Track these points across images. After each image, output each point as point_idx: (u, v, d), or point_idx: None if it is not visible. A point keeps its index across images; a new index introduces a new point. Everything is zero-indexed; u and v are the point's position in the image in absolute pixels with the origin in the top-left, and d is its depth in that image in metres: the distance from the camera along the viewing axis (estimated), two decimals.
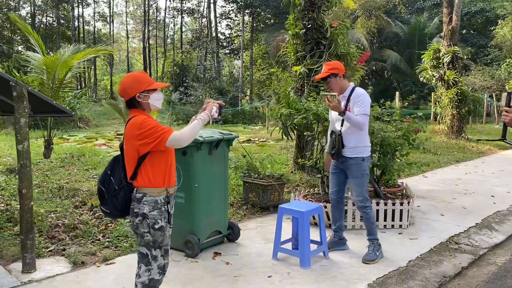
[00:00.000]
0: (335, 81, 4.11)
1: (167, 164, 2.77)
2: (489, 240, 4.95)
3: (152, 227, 2.73)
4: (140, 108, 2.77)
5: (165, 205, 2.77)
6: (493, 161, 11.07)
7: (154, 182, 2.72)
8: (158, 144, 2.62)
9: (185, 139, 2.67)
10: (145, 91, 2.73)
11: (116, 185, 2.75)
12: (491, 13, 30.18)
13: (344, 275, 3.86)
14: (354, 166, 4.15)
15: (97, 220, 5.34)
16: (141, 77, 2.78)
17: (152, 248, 2.78)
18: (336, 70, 4.10)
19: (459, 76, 14.19)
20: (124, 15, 53.30)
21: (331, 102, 3.84)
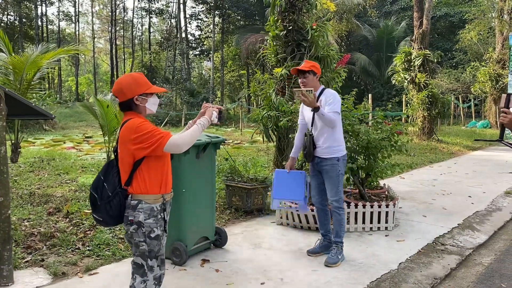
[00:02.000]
0: (312, 78, 4.13)
1: (164, 170, 2.66)
2: (472, 240, 5.03)
3: (148, 236, 2.59)
4: (136, 111, 2.63)
5: (161, 212, 2.64)
6: (465, 161, 11.36)
7: (150, 188, 2.59)
8: (156, 149, 2.49)
9: (185, 144, 2.56)
10: (144, 94, 2.61)
11: (109, 191, 2.60)
12: (455, 18, 31.24)
13: (338, 279, 3.80)
14: (328, 167, 4.11)
15: (75, 227, 5.09)
16: (140, 79, 2.64)
17: (148, 258, 2.64)
18: (316, 69, 4.17)
19: (429, 78, 14.54)
20: (89, 15, 52.06)
21: (307, 97, 3.78)
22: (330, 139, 4.11)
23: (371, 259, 4.31)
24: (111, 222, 2.67)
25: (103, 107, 6.93)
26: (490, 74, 19.75)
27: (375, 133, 5.47)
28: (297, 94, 3.87)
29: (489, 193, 7.35)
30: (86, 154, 11.47)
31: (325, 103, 4.05)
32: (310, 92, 3.79)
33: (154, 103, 2.68)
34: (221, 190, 6.41)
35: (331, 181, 4.14)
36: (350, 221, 5.21)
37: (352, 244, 4.74)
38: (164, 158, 2.64)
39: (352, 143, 5.49)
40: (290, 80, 7.05)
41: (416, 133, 14.90)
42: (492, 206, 6.51)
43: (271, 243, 4.75)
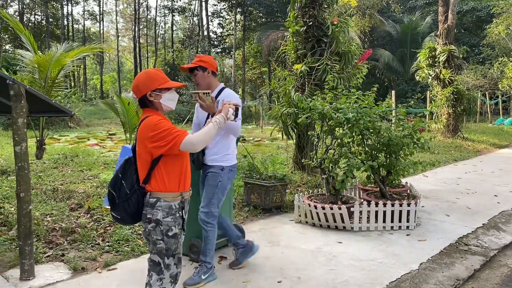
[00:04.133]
0: (201, 75, 3.68)
1: (183, 168, 2.63)
2: (497, 241, 4.87)
3: (166, 234, 2.58)
4: (153, 107, 2.62)
5: (179, 210, 2.62)
6: (491, 160, 11.05)
7: (169, 186, 2.58)
8: (172, 147, 2.47)
9: (200, 143, 2.53)
10: (157, 89, 2.59)
11: (127, 189, 2.59)
12: (482, 12, 30.38)
13: (356, 279, 3.73)
14: (210, 174, 3.68)
15: (96, 223, 5.16)
16: (155, 74, 2.62)
17: (165, 257, 2.63)
18: (206, 64, 3.67)
19: (454, 74, 14.18)
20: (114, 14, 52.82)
21: (205, 101, 3.27)
22: (220, 145, 3.68)
23: (391, 258, 4.22)
24: (129, 220, 2.66)
25: (124, 104, 7.03)
26: None
27: (397, 130, 5.35)
28: (194, 97, 3.37)
29: None
30: (109, 151, 11.66)
31: None
32: (208, 95, 3.31)
33: (171, 98, 2.64)
34: (240, 187, 6.40)
35: (207, 189, 3.70)
36: (370, 220, 5.12)
37: (372, 243, 4.66)
38: (183, 156, 2.62)
39: (373, 140, 5.40)
40: (310, 77, 6.97)
41: (441, 130, 14.56)
42: None
43: (289, 241, 4.71)
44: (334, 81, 6.32)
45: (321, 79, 6.87)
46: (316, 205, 5.06)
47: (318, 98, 5.36)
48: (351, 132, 5.05)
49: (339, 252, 4.40)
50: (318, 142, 5.51)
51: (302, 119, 5.22)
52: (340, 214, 4.97)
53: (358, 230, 5.07)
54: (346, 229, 5.07)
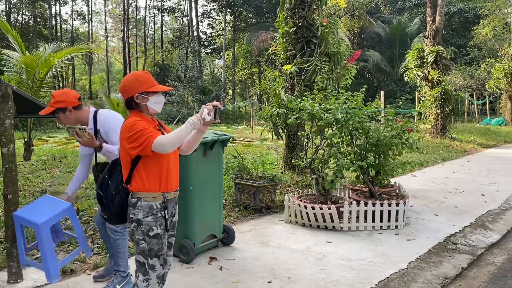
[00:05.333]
0: (64, 116, 3.26)
1: (163, 168, 2.60)
2: (485, 239, 4.93)
3: (147, 234, 2.57)
4: (138, 109, 2.61)
5: (161, 211, 2.59)
6: (478, 159, 11.18)
7: (149, 186, 2.56)
8: (144, 148, 2.45)
9: (169, 144, 2.43)
10: (145, 92, 2.58)
11: (113, 190, 2.62)
12: (469, 14, 30.76)
13: (346, 279, 3.76)
14: None
15: (85, 225, 5.13)
16: (143, 77, 2.61)
17: (148, 257, 2.61)
18: (63, 103, 3.22)
19: (442, 75, 14.33)
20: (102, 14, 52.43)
21: (82, 137, 3.08)
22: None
23: (380, 258, 4.26)
24: (115, 220, 2.68)
25: (114, 105, 6.98)
26: (506, 71, 19.40)
27: (385, 131, 5.40)
28: (71, 132, 3.16)
29: (503, 191, 7.22)
30: None
31: (106, 134, 3.30)
32: (84, 131, 3.08)
33: (157, 102, 2.63)
34: (230, 188, 6.40)
35: None
36: (359, 220, 5.16)
37: (362, 243, 4.69)
38: (162, 156, 2.57)
39: (362, 140, 5.44)
40: (300, 77, 7.00)
41: (429, 130, 14.71)
42: (505, 205, 6.38)
43: (279, 242, 4.72)
44: (324, 82, 6.35)
45: (310, 79, 6.90)
46: (306, 205, 5.08)
47: (307, 99, 5.38)
48: (340, 132, 5.08)
49: (329, 252, 4.42)
50: (307, 143, 5.52)
51: (292, 119, 5.24)
52: (329, 214, 5.00)
53: (348, 230, 5.10)
54: (335, 229, 5.10)
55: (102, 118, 3.35)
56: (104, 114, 3.40)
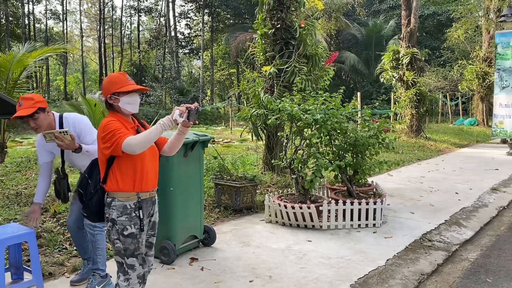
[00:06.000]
0: (44, 116, 3.23)
1: (137, 168, 2.59)
2: (459, 236, 5.09)
3: (121, 234, 2.58)
4: (113, 110, 2.64)
5: (135, 210, 2.60)
6: (452, 159, 11.48)
7: (123, 186, 2.58)
8: (115, 149, 2.47)
9: (137, 145, 2.42)
10: (116, 93, 2.59)
11: (91, 189, 2.67)
12: (442, 16, 31.51)
13: (327, 277, 3.82)
14: None
15: (62, 227, 5.04)
16: (116, 78, 2.64)
17: (124, 257, 2.63)
18: (43, 103, 3.23)
19: (417, 76, 14.65)
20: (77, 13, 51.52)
21: (63, 139, 3.07)
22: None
23: (359, 255, 4.34)
24: (95, 219, 2.72)
25: (90, 106, 6.90)
26: (477, 72, 19.94)
27: (362, 131, 5.50)
28: (49, 138, 3.10)
29: (476, 189, 7.44)
30: None
31: (78, 136, 3.29)
32: (66, 134, 3.09)
33: (130, 102, 2.61)
34: (210, 188, 6.40)
35: None
36: (338, 218, 5.24)
37: (341, 241, 4.77)
38: (138, 156, 2.56)
39: (340, 140, 5.53)
40: (279, 78, 7.06)
41: (404, 130, 15.01)
42: (478, 203, 6.59)
43: (260, 241, 4.76)
44: (302, 83, 6.43)
45: (289, 81, 6.97)
46: (286, 205, 5.13)
47: (287, 100, 5.44)
48: (319, 132, 5.16)
49: (309, 250, 4.48)
50: (287, 143, 5.58)
51: (271, 120, 5.29)
52: (309, 213, 5.07)
53: (327, 228, 5.18)
54: (315, 228, 5.17)
55: (71, 121, 3.35)
56: (72, 117, 3.41)
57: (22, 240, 3.47)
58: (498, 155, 12.07)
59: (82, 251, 3.75)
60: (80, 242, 3.70)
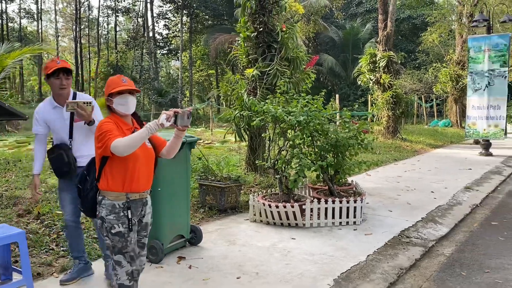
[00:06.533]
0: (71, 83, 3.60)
1: (127, 169, 2.66)
2: (435, 233, 5.32)
3: (110, 232, 2.68)
4: (112, 112, 2.75)
5: (124, 210, 2.67)
6: (427, 159, 11.85)
7: (112, 185, 2.67)
8: (105, 149, 2.56)
9: (123, 147, 2.49)
10: (110, 95, 2.70)
11: (88, 185, 2.79)
12: (417, 20, 32.30)
13: (311, 272, 3.97)
14: None
15: (47, 228, 5.06)
16: (111, 80, 2.77)
17: (112, 253, 2.74)
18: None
19: (393, 79, 15.04)
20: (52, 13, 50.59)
21: (85, 110, 3.31)
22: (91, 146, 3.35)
23: (341, 252, 4.51)
24: (90, 214, 2.85)
25: None
26: (451, 75, 20.53)
27: (343, 132, 5.69)
28: (71, 107, 3.29)
29: (450, 188, 7.74)
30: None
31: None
32: (89, 105, 3.34)
33: (121, 103, 2.69)
34: (194, 189, 6.48)
35: None
36: (320, 217, 5.41)
37: (323, 238, 4.94)
38: (129, 157, 2.61)
39: (321, 141, 5.70)
40: (262, 81, 7.20)
41: (381, 132, 15.37)
42: (453, 201, 6.87)
43: (245, 240, 4.88)
44: (286, 85, 6.59)
45: (272, 83, 7.12)
46: (270, 204, 5.27)
47: (271, 102, 5.58)
48: (302, 134, 5.32)
49: (293, 247, 4.63)
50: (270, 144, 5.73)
51: (256, 121, 5.43)
52: (293, 212, 5.22)
53: (310, 226, 5.34)
54: (298, 226, 5.33)
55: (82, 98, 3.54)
56: (84, 95, 3.65)
57: (13, 241, 3.51)
58: (471, 155, 12.53)
59: (76, 249, 3.81)
60: (76, 239, 3.78)
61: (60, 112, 3.56)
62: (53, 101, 3.59)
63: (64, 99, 3.51)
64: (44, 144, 3.72)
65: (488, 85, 12.42)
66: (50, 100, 3.63)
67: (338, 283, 3.77)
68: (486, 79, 12.42)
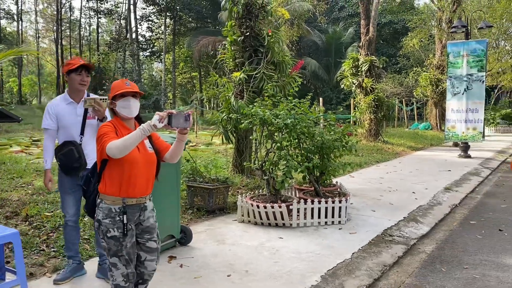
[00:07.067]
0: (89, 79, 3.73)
1: (124, 173, 2.66)
2: (416, 231, 5.53)
3: (105, 235, 2.70)
4: (116, 115, 2.80)
5: (120, 215, 2.67)
6: (408, 161, 12.15)
7: (109, 189, 2.68)
8: (102, 152, 2.60)
9: (115, 149, 2.48)
10: (113, 97, 2.74)
11: (91, 187, 2.81)
12: (398, 25, 32.94)
13: (299, 269, 4.11)
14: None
15: (36, 230, 5.09)
16: (115, 84, 2.79)
17: (108, 255, 2.76)
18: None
19: (375, 83, 15.36)
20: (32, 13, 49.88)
21: (101, 106, 3.43)
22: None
23: (327, 250, 4.67)
24: (92, 216, 2.88)
25: None
26: (431, 79, 21.04)
27: (329, 135, 5.86)
28: (89, 103, 3.39)
29: (431, 189, 7.99)
30: (37, 158, 11.18)
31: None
32: (105, 101, 3.42)
33: (123, 106, 2.73)
34: (183, 190, 6.56)
35: None
36: (307, 216, 5.56)
37: (310, 237, 5.09)
38: (127, 161, 2.63)
39: (307, 144, 5.86)
40: (248, 84, 7.34)
41: (364, 134, 15.67)
42: (433, 201, 7.11)
43: (234, 239, 5.00)
44: (273, 89, 6.74)
45: (258, 86, 7.27)
46: (259, 205, 5.40)
47: (259, 105, 5.72)
48: (289, 136, 5.47)
49: (280, 246, 4.76)
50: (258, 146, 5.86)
51: (245, 124, 5.55)
52: (280, 212, 5.36)
53: (297, 226, 5.49)
54: (285, 226, 5.47)
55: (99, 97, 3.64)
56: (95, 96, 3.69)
57: (7, 241, 3.55)
58: (450, 157, 12.89)
59: (71, 249, 3.87)
60: (72, 239, 3.86)
61: (73, 108, 3.66)
62: (68, 97, 3.69)
63: (80, 97, 3.66)
64: (54, 139, 3.75)
65: (466, 89, 12.81)
66: (65, 96, 3.72)
67: (325, 279, 3.91)
68: (465, 84, 12.81)
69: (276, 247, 4.75)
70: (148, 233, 2.87)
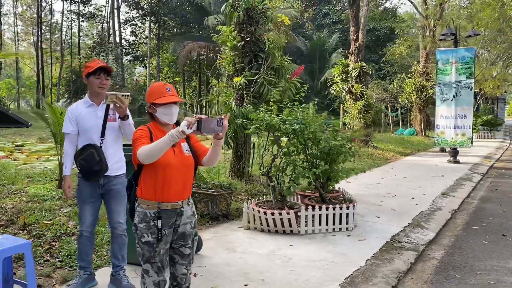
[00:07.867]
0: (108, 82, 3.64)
1: (159, 177, 2.60)
2: (423, 237, 5.53)
3: (140, 240, 2.67)
4: (153, 119, 2.74)
5: (154, 220, 2.61)
6: (400, 166, 12.25)
7: (145, 193, 2.65)
8: (134, 157, 2.57)
9: (143, 155, 2.45)
10: (153, 103, 2.67)
11: (133, 191, 2.78)
12: (381, 32, 33.42)
13: (316, 278, 4.04)
14: (120, 186, 3.58)
15: (37, 239, 4.90)
16: (154, 88, 2.72)
17: (141, 261, 2.71)
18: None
19: (365, 89, 15.48)
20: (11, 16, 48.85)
21: (124, 102, 3.35)
22: (119, 152, 3.62)
23: (340, 257, 4.61)
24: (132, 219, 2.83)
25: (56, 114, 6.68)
26: (416, 85, 21.37)
27: (335, 140, 5.83)
28: (111, 99, 3.33)
29: (428, 194, 8.04)
30: (24, 164, 10.85)
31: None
32: (127, 98, 3.38)
33: (165, 113, 2.66)
34: None
35: (122, 201, 3.60)
36: (314, 223, 5.50)
37: (320, 245, 5.03)
38: (161, 165, 2.57)
39: (314, 149, 5.82)
40: (249, 89, 7.27)
41: None
42: (433, 206, 7.15)
43: (244, 247, 4.90)
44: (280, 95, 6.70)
45: (258, 91, 7.21)
46: (266, 211, 5.32)
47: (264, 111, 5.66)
48: (297, 141, 5.41)
49: (292, 254, 4.69)
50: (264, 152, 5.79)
51: (252, 129, 5.47)
52: (288, 219, 5.29)
53: (304, 233, 5.43)
54: (293, 233, 5.40)
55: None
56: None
57: (18, 252, 3.39)
58: (440, 162, 13.06)
59: (84, 259, 3.73)
60: (87, 249, 3.72)
61: (94, 110, 3.56)
62: (88, 100, 3.60)
63: (100, 99, 3.57)
64: (74, 144, 3.63)
65: (455, 96, 13.02)
66: (85, 99, 3.63)
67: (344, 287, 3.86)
68: (454, 90, 13.02)
69: (287, 255, 4.67)
70: (182, 239, 2.76)
